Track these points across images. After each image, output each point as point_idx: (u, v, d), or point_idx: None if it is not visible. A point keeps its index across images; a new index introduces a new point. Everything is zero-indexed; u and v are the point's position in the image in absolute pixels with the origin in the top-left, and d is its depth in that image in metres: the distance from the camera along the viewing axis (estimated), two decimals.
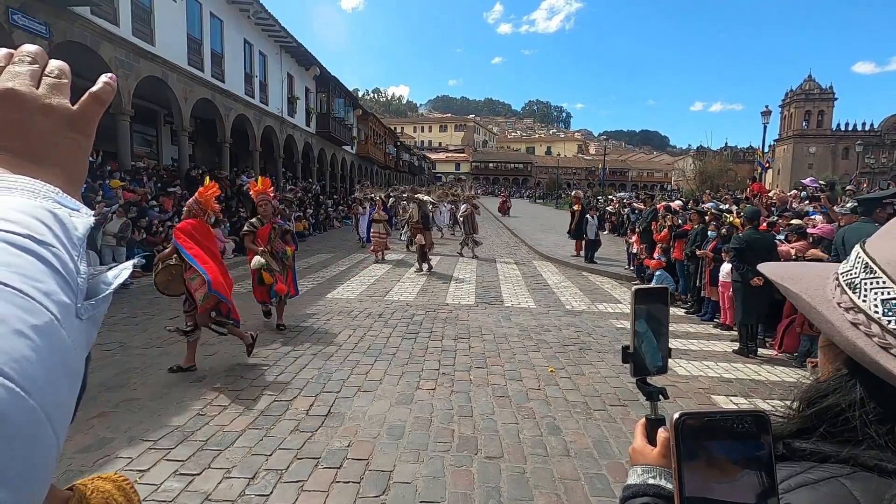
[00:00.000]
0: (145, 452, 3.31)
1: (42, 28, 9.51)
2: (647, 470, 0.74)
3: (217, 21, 16.71)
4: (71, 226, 0.39)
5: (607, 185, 53.94)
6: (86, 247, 0.41)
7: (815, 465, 0.56)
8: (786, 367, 5.56)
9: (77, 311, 0.36)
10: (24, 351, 0.30)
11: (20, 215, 0.36)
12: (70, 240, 0.39)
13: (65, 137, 0.44)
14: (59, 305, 0.34)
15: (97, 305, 0.39)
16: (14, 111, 0.42)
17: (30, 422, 0.30)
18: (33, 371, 0.30)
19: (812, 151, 56.48)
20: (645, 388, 0.84)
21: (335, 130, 27.79)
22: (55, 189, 0.41)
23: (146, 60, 12.87)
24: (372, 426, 3.77)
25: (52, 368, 0.32)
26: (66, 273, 0.36)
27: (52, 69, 0.45)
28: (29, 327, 0.31)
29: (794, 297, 0.64)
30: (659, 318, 0.82)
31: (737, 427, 0.51)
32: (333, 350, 5.53)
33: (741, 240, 5.89)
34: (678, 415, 0.51)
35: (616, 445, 3.57)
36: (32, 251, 0.35)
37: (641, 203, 13.48)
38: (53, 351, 0.33)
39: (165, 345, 5.53)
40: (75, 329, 0.36)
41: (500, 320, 7.10)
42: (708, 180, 32.50)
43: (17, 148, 0.41)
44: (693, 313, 7.93)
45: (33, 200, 0.38)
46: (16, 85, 0.42)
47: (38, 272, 0.34)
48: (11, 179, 0.39)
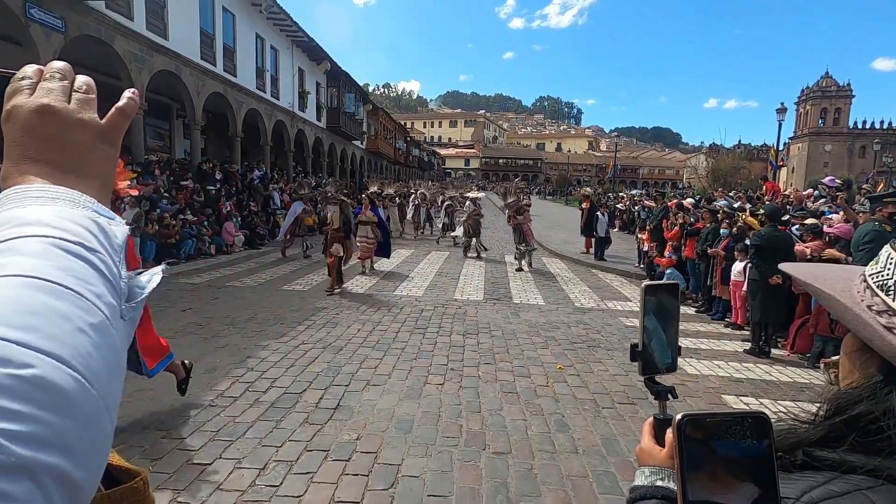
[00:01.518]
0: (158, 442, 3.36)
1: (58, 22, 9.61)
2: (656, 471, 0.72)
3: (229, 15, 16.78)
4: (111, 234, 0.43)
5: (618, 182, 53.56)
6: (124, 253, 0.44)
7: (838, 475, 0.54)
8: (797, 368, 5.50)
9: (121, 312, 0.40)
10: (87, 347, 0.34)
11: (70, 224, 0.39)
12: (112, 246, 0.42)
13: (97, 150, 0.47)
14: (109, 307, 0.38)
15: (136, 308, 0.42)
16: (51, 126, 0.44)
17: (95, 410, 0.33)
18: (95, 365, 0.34)
19: (828, 149, 55.55)
20: (654, 387, 0.82)
21: (345, 125, 27.85)
22: (91, 199, 0.44)
23: (159, 54, 12.96)
24: (381, 420, 3.80)
25: (108, 364, 0.35)
26: (112, 277, 0.40)
27: (80, 85, 0.48)
28: (88, 326, 0.35)
29: (827, 298, 0.62)
30: (669, 315, 0.80)
31: (739, 428, 0.50)
32: (343, 344, 5.57)
33: (761, 237, 5.81)
34: (680, 416, 0.51)
35: (625, 443, 3.56)
36: (84, 257, 0.38)
37: (652, 200, 13.36)
38: (108, 348, 0.36)
39: (177, 336, 5.60)
40: (121, 329, 0.39)
41: (509, 316, 7.09)
42: (721, 178, 32.17)
43: (56, 160, 0.44)
44: (703, 312, 7.86)
45: (76, 210, 0.41)
46: (51, 101, 0.45)
47: (90, 276, 0.38)
48: (54, 190, 0.42)
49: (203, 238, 11.77)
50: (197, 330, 5.86)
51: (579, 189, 44.90)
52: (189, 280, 8.87)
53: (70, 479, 0.30)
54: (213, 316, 6.50)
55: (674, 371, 0.81)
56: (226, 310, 6.83)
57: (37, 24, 9.18)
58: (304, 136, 23.66)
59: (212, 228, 12.43)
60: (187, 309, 6.81)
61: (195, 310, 6.78)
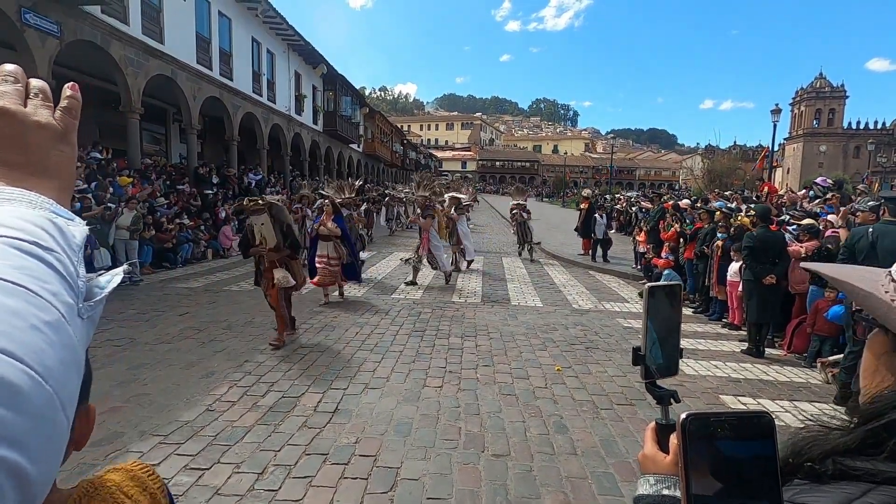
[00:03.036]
0: (156, 447, 3.35)
1: (53, 27, 9.60)
2: (661, 480, 0.69)
3: (225, 19, 16.79)
4: (69, 234, 0.43)
5: (615, 183, 53.70)
6: (83, 252, 0.44)
7: (874, 486, 0.51)
8: (794, 368, 5.51)
9: (79, 311, 0.40)
10: (40, 344, 0.34)
11: (25, 224, 0.40)
12: (70, 246, 0.42)
13: (55, 151, 0.47)
14: (65, 305, 0.38)
15: (95, 307, 0.42)
16: (7, 128, 0.44)
17: (49, 406, 0.33)
18: (49, 362, 0.34)
19: (822, 150, 55.86)
20: (655, 391, 0.80)
21: (342, 128, 27.86)
22: (50, 200, 0.44)
23: (155, 59, 12.96)
24: (379, 423, 3.79)
25: (63, 361, 0.36)
26: (69, 276, 0.40)
27: (35, 88, 0.48)
28: (43, 323, 0.35)
29: (866, 296, 0.60)
30: (672, 317, 0.78)
31: (743, 427, 0.51)
32: (341, 347, 5.56)
33: (754, 238, 5.83)
34: (685, 415, 0.51)
35: (623, 444, 3.56)
36: (39, 256, 0.38)
37: (649, 202, 13.41)
38: (63, 345, 0.36)
39: (175, 341, 5.58)
40: (78, 327, 0.39)
41: (507, 319, 7.10)
42: (716, 179, 32.28)
43: (14, 162, 0.44)
44: (701, 312, 7.88)
45: (33, 210, 0.41)
46: (6, 103, 0.45)
47: (45, 275, 0.38)
48: (9, 191, 0.42)
49: (200, 242, 11.75)
50: (194, 334, 5.84)
51: (576, 191, 45.03)
52: (186, 284, 8.85)
53: (23, 473, 0.31)
54: (211, 320, 6.48)
55: (675, 374, 0.79)
56: (223, 314, 6.82)
57: (32, 29, 9.16)
58: (301, 139, 23.66)
59: (209, 232, 12.41)
60: (185, 313, 6.79)
61: (193, 314, 6.76)
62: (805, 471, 0.58)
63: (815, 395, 4.74)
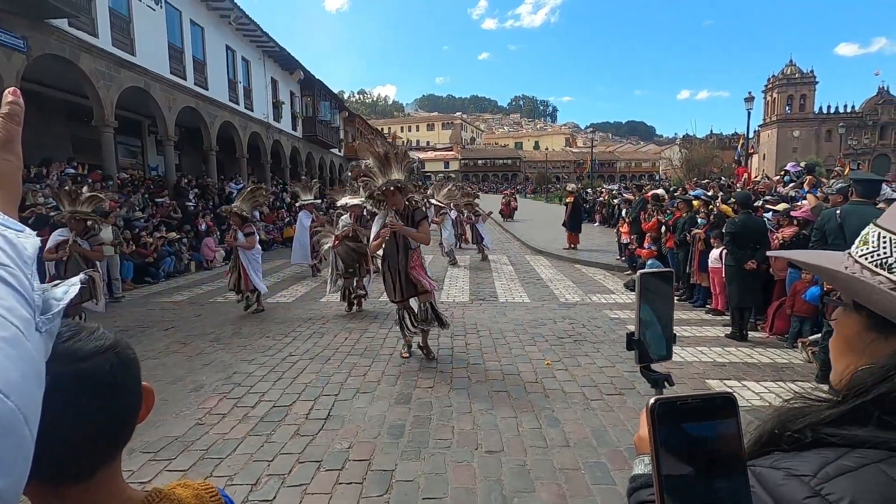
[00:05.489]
0: (146, 464, 3.30)
1: (19, 42, 9.38)
2: None
3: (198, 28, 16.57)
4: (21, 246, 0.41)
5: (597, 177, 54.22)
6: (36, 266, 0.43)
7: (849, 450, 0.54)
8: (777, 349, 5.64)
9: (36, 325, 0.39)
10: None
11: None
12: (22, 259, 0.41)
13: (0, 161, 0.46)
14: (21, 320, 0.37)
15: (52, 319, 0.42)
16: None
17: (11, 420, 0.33)
18: (10, 376, 0.33)
19: (796, 135, 57.15)
20: (650, 375, 0.82)
21: (322, 133, 27.70)
22: None
23: (127, 71, 12.74)
24: (372, 427, 3.79)
25: (24, 375, 0.35)
26: (24, 290, 0.39)
27: None
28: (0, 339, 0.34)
29: (845, 279, 0.61)
30: (664, 303, 0.80)
31: (708, 408, 0.52)
32: (330, 353, 5.54)
33: (736, 224, 5.95)
34: (653, 400, 0.53)
35: (614, 434, 3.61)
36: None
37: (630, 194, 13.57)
38: (23, 360, 0.35)
39: (161, 356, 5.50)
40: (37, 341, 0.39)
41: (496, 316, 7.13)
42: (695, 168, 32.82)
43: None
44: (685, 300, 8.02)
45: None
46: None
47: None
48: None
49: (181, 255, 11.58)
50: (181, 349, 5.77)
51: (559, 186, 45.29)
52: (170, 298, 8.72)
53: None
54: (197, 333, 6.40)
55: (669, 359, 0.81)
56: (210, 326, 6.74)
57: None
58: (281, 146, 23.46)
59: (190, 245, 12.24)
60: (170, 328, 6.69)
61: (178, 328, 6.66)
62: (786, 440, 0.61)
63: (798, 374, 4.86)
